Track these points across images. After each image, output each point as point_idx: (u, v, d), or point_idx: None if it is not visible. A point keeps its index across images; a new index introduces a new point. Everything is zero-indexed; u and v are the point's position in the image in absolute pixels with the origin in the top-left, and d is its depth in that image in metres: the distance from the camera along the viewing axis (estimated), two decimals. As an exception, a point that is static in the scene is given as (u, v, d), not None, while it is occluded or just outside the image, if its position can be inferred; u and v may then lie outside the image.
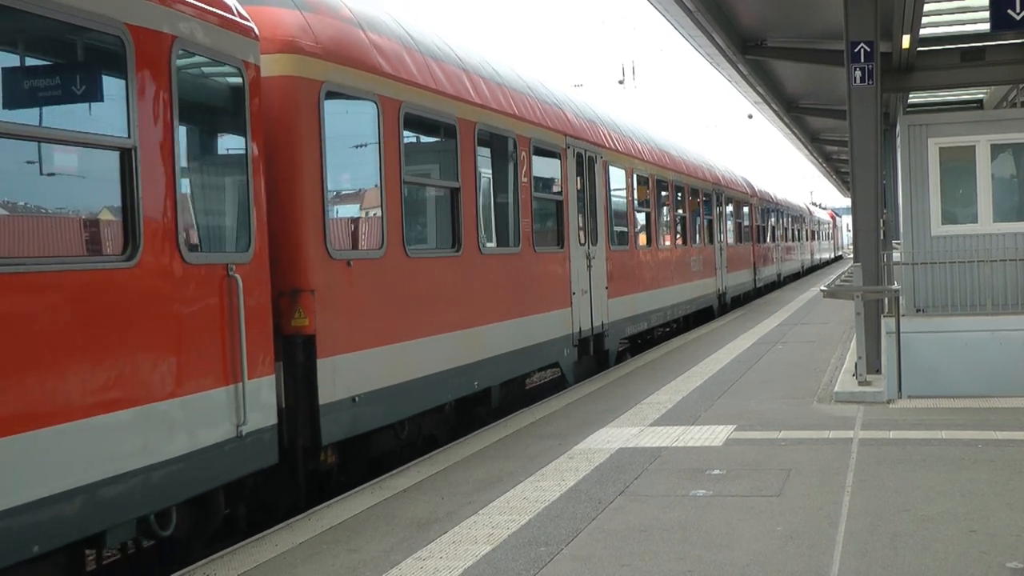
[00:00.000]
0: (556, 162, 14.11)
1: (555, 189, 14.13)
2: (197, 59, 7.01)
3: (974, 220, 14.79)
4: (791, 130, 37.73)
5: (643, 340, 19.97)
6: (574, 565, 6.19)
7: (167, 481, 6.48)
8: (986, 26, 16.66)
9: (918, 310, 14.56)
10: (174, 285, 6.62)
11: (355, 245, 9.49)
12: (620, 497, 7.72)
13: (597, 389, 13.54)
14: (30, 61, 6.33)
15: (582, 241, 14.89)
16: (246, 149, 7.47)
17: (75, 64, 6.45)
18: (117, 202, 6.28)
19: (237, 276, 7.16)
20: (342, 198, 9.35)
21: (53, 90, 6.27)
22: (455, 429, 11.21)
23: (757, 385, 13.20)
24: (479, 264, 11.34)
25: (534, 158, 13.09)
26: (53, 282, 5.69)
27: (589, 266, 15.11)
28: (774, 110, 31.25)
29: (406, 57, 9.98)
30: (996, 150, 14.86)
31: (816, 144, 44.99)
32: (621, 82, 47.46)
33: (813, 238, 58.64)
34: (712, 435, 9.92)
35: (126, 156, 6.25)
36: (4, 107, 5.96)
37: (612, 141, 16.92)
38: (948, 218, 14.85)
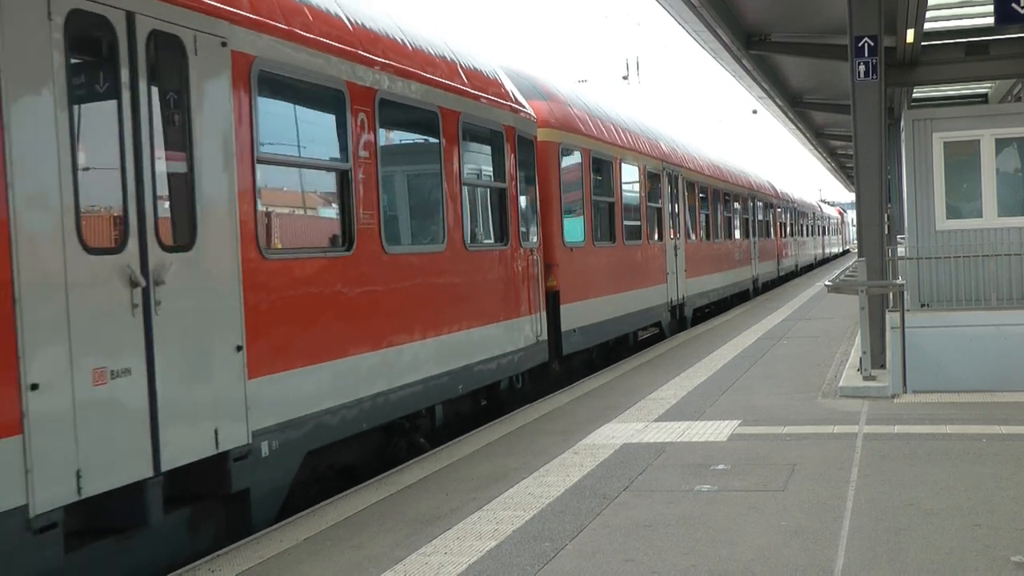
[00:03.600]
0: (657, 180, 19.93)
1: (657, 199, 19.87)
2: (521, 137, 12.58)
3: (979, 215, 14.79)
4: (796, 125, 37.65)
5: (695, 315, 23.72)
6: (578, 560, 6.19)
7: (517, 360, 12.20)
8: (990, 20, 16.66)
9: (923, 305, 14.57)
10: (518, 259, 12.34)
11: (572, 239, 14.66)
12: (625, 492, 7.72)
13: (602, 385, 13.54)
14: (482, 150, 12.16)
15: (672, 236, 20.59)
16: (535, 186, 13.13)
17: (492, 148, 12.14)
18: (499, 217, 12.06)
19: (536, 255, 12.90)
20: (567, 210, 14.62)
21: (486, 162, 12.14)
22: (607, 358, 16.80)
23: (762, 380, 13.19)
24: (624, 252, 17.24)
25: (648, 179, 19.15)
26: (493, 254, 11.65)
27: (675, 255, 20.74)
28: (778, 105, 31.19)
29: (589, 120, 15.93)
30: (1001, 144, 14.87)
31: (821, 139, 44.90)
32: (625, 78, 47.35)
33: (824, 233, 63.74)
34: (717, 430, 9.92)
35: (503, 193, 12.07)
36: (475, 176, 11.82)
37: (687, 162, 22.58)
38: (952, 213, 14.86)
